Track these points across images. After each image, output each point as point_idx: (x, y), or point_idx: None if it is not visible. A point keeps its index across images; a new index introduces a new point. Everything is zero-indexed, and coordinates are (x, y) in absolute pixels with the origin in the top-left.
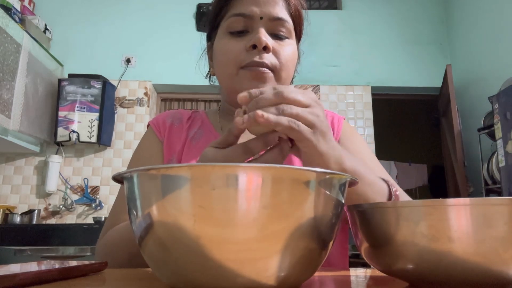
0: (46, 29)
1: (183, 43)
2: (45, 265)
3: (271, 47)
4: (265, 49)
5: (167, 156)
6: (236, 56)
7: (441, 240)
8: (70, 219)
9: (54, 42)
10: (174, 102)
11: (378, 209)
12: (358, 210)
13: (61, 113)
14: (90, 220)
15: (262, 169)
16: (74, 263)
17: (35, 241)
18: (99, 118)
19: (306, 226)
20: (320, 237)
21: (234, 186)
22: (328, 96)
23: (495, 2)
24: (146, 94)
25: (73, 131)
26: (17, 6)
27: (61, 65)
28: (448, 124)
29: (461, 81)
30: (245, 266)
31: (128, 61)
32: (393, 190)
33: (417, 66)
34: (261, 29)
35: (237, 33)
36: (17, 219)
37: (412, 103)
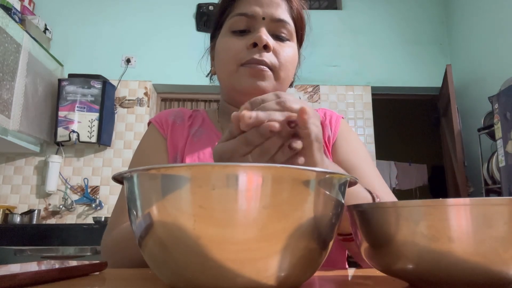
0: (46, 29)
1: (183, 43)
2: (45, 265)
3: (271, 46)
4: (266, 47)
5: (171, 153)
6: (236, 53)
7: (441, 240)
8: (70, 219)
9: (54, 42)
10: (174, 102)
11: (378, 209)
12: (358, 210)
13: (61, 113)
14: (90, 220)
15: (262, 169)
16: (74, 263)
17: (35, 241)
18: (99, 118)
19: (306, 226)
20: (320, 237)
21: (234, 186)
22: (328, 96)
23: (495, 2)
24: (146, 94)
25: (73, 131)
26: (17, 6)
27: (61, 65)
28: (448, 124)
29: (461, 81)
30: (245, 266)
31: (128, 61)
32: (377, 200)
33: (417, 66)
34: (263, 28)
35: (239, 32)
36: (17, 219)
37: (412, 103)
